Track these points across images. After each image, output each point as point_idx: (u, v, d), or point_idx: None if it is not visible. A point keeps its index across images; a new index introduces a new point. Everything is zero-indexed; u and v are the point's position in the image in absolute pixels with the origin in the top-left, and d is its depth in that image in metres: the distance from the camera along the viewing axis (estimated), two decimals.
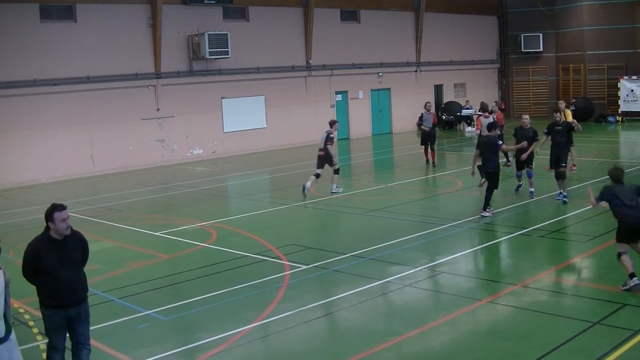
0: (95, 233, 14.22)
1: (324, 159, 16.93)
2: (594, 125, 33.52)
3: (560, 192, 14.76)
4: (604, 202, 9.16)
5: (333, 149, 16.87)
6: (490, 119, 18.73)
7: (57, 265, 6.30)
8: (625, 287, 8.79)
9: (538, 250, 11.34)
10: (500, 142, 14.02)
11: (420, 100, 23.10)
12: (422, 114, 21.65)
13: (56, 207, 6.33)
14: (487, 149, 13.76)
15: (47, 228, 6.36)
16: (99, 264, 11.70)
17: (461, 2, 36.68)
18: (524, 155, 15.21)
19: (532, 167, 15.44)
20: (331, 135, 16.90)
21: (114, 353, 7.70)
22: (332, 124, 17.28)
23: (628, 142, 28.61)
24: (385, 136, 33.41)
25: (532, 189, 15.36)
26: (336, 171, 17.18)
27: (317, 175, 16.99)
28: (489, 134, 14.08)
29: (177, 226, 14.44)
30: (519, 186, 15.99)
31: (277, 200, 17.15)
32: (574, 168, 18.54)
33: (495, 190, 13.80)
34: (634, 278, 8.72)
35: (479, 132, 19.38)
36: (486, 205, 13.66)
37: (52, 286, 6.29)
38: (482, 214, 13.62)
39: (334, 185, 17.28)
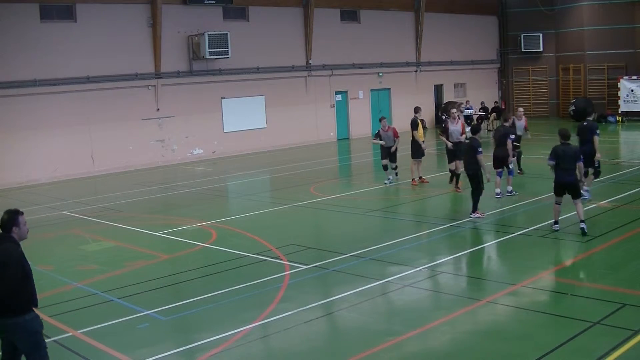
0: (95, 233, 14.26)
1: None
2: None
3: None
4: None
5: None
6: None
7: (30, 268, 6.16)
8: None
9: (538, 250, 11.32)
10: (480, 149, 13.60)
11: (421, 100, 22.96)
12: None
13: (18, 212, 6.14)
14: (470, 152, 13.56)
15: (9, 234, 6.09)
16: (99, 264, 11.73)
17: (461, 2, 36.70)
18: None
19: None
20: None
21: (114, 353, 7.70)
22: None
23: (628, 142, 28.58)
24: None
25: (510, 187, 15.80)
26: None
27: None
28: (473, 136, 14.08)
29: (177, 226, 14.44)
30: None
31: (277, 200, 17.15)
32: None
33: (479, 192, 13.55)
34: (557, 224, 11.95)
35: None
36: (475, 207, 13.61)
37: (32, 290, 6.13)
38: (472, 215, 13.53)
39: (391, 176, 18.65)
